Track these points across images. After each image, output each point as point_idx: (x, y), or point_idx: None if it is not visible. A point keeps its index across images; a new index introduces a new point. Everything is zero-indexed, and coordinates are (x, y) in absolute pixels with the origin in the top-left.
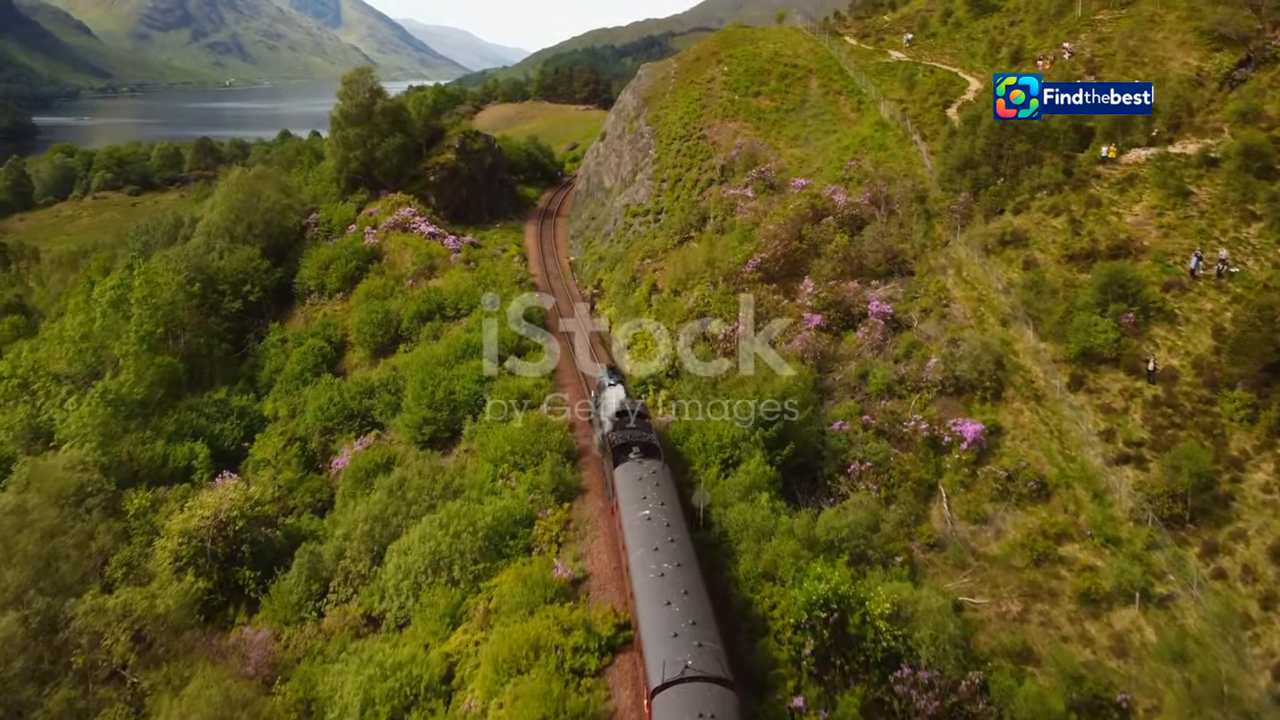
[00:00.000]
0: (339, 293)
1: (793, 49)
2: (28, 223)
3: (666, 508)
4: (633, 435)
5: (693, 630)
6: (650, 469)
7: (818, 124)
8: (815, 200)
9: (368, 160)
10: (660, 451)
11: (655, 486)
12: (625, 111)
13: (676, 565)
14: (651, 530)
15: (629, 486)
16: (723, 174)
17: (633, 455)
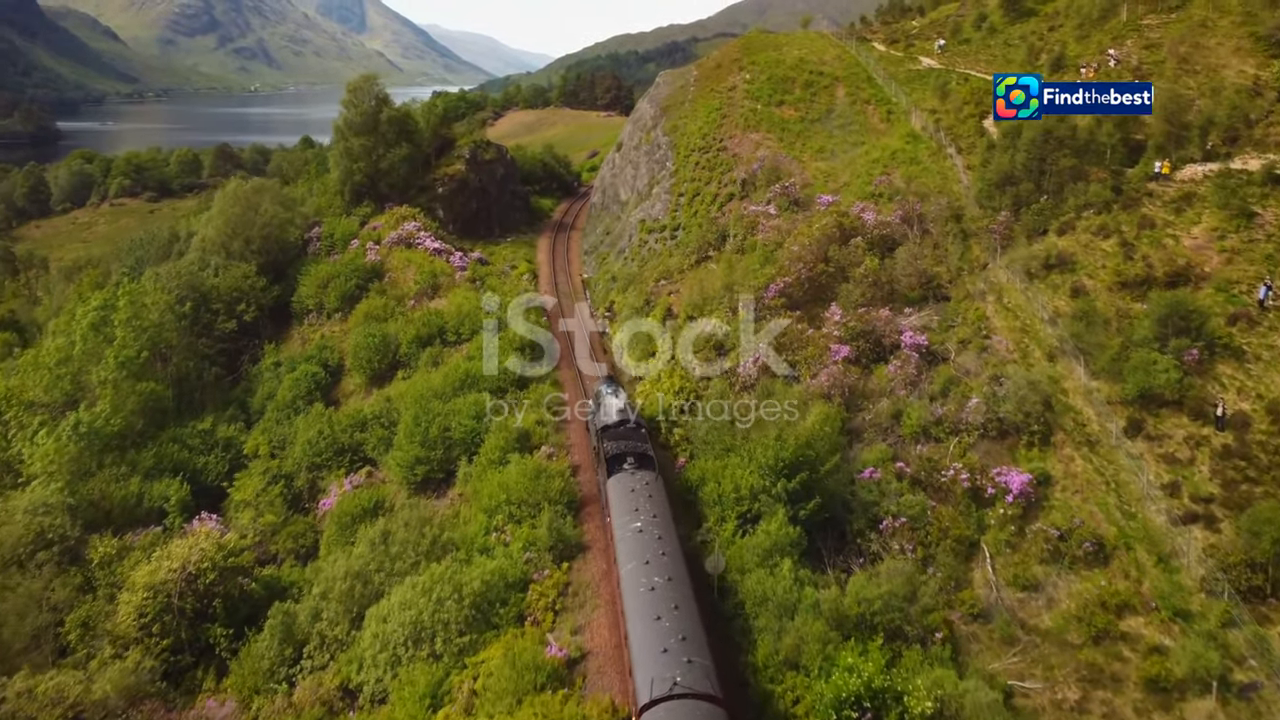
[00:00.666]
0: (338, 313)
1: (818, 55)
2: (44, 229)
3: (659, 520)
4: (627, 446)
5: (682, 646)
6: (643, 480)
7: (845, 135)
8: (843, 219)
9: (372, 172)
10: (655, 462)
11: (648, 498)
12: (642, 121)
13: (667, 579)
14: (643, 543)
15: (621, 498)
16: (743, 189)
17: (627, 466)
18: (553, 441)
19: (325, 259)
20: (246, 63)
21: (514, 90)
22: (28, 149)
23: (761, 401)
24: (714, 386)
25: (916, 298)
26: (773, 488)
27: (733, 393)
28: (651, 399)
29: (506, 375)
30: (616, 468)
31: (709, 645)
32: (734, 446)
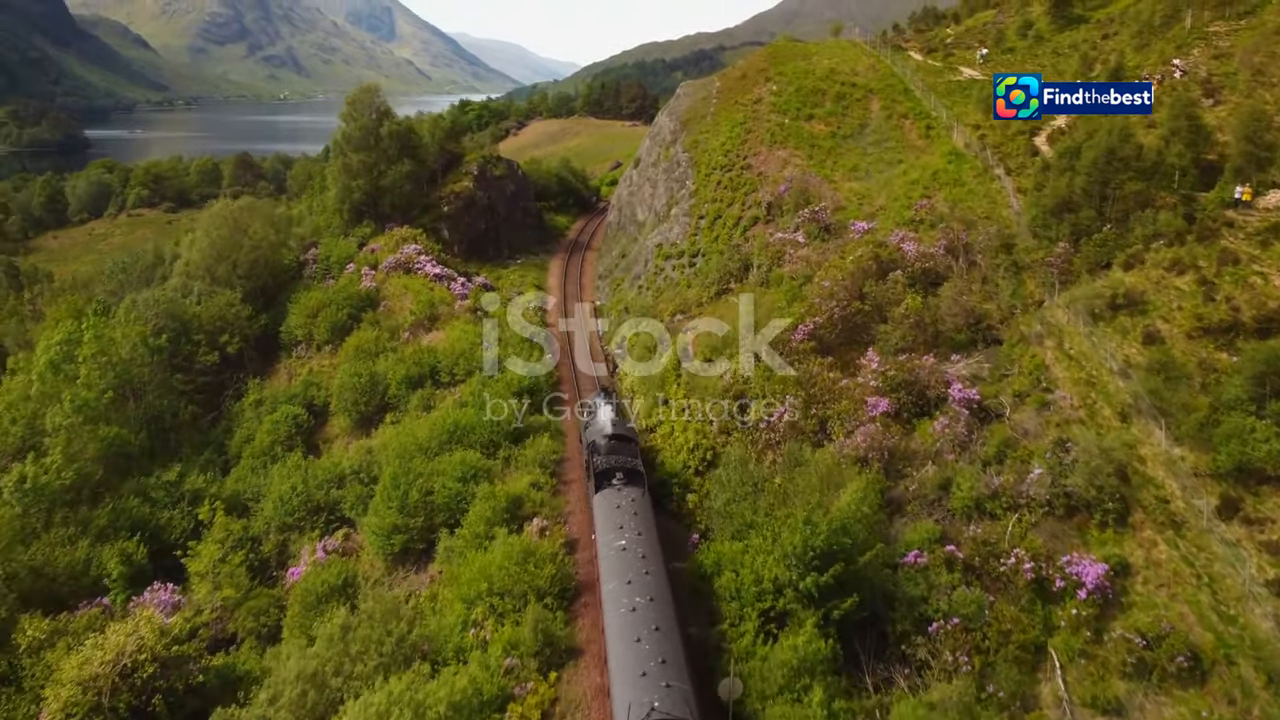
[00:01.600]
0: (328, 345)
1: (850, 66)
2: (60, 240)
3: (644, 537)
4: (617, 461)
5: (661, 669)
6: (630, 496)
7: (880, 153)
8: (880, 250)
9: (372, 190)
10: (644, 478)
11: (634, 515)
12: (661, 136)
13: (649, 599)
14: (626, 562)
15: (607, 515)
16: (769, 212)
17: (615, 481)
18: (548, 511)
19: (319, 284)
20: (276, 71)
21: (538, 99)
22: (56, 157)
23: (791, 470)
24: (734, 444)
25: (964, 341)
26: (800, 581)
27: (754, 449)
28: (665, 456)
29: (499, 429)
30: (605, 483)
31: (689, 669)
32: (756, 523)
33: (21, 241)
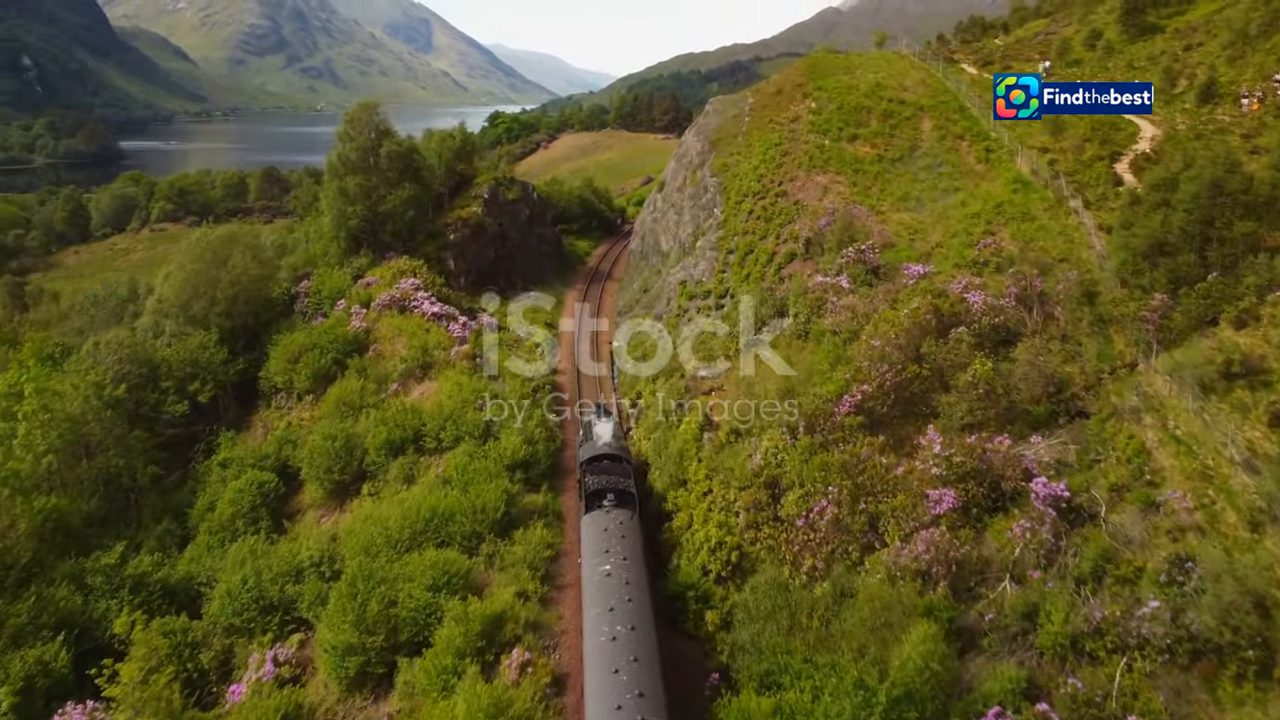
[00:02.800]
0: (309, 395)
1: (898, 80)
2: (82, 256)
3: (629, 563)
4: (609, 482)
5: (638, 703)
6: (618, 519)
7: (933, 179)
8: (939, 301)
9: (370, 216)
10: (635, 499)
11: (621, 539)
12: (687, 157)
13: (630, 628)
14: (610, 588)
15: (594, 538)
16: (807, 249)
17: (606, 502)
18: (533, 638)
19: (307, 323)
20: (313, 82)
21: (570, 112)
22: (91, 168)
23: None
24: (764, 551)
25: (1043, 415)
26: None
27: (790, 549)
28: (683, 556)
29: (483, 518)
30: (595, 504)
31: (666, 702)
32: (792, 669)
33: (42, 257)
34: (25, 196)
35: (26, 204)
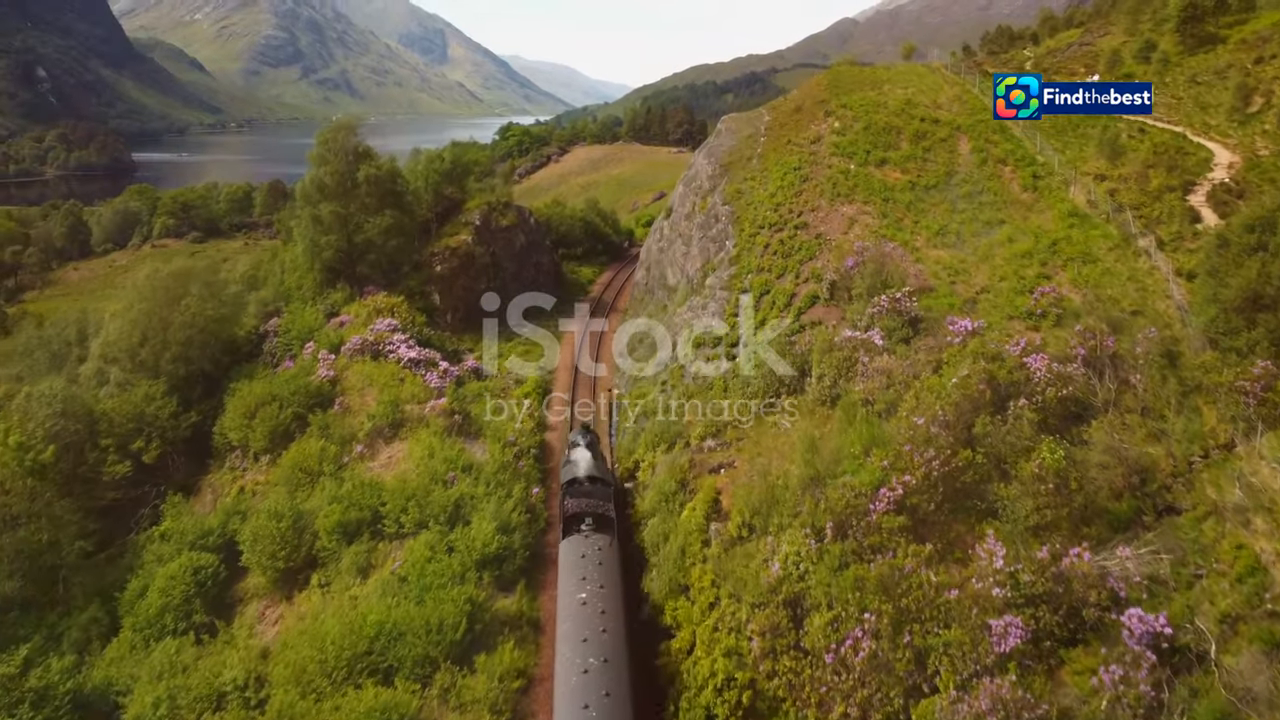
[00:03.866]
0: (266, 455)
1: (930, 96)
2: (81, 272)
3: (606, 591)
4: (589, 505)
5: None
6: (596, 545)
7: (974, 210)
8: (993, 365)
9: (346, 247)
10: (614, 524)
11: (598, 565)
12: (697, 181)
13: (603, 661)
14: (584, 618)
15: (571, 564)
16: (832, 293)
17: (584, 527)
18: None
19: (274, 366)
20: (329, 93)
21: (582, 124)
22: (102, 180)
23: None
24: (782, 683)
25: (1126, 513)
26: None
27: (815, 692)
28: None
29: (439, 639)
30: (573, 528)
31: None
32: None
33: (41, 274)
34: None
35: (28, 218)
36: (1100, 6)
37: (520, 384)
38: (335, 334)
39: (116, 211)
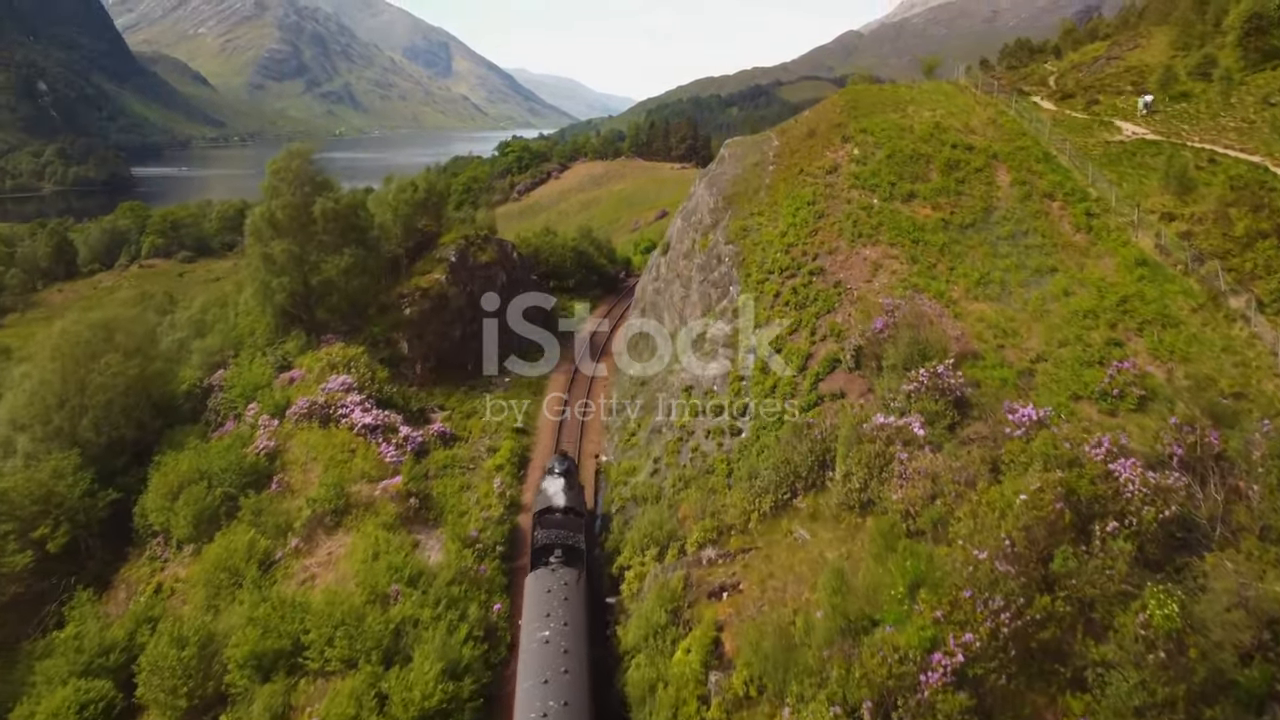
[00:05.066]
0: (190, 545)
1: (962, 119)
2: (66, 294)
3: (570, 629)
4: (558, 536)
5: None
6: (563, 579)
7: (1019, 254)
8: (1069, 474)
9: (301, 290)
10: (584, 556)
11: (563, 601)
12: (697, 215)
13: (563, 704)
14: (546, 657)
15: (535, 600)
16: (858, 360)
17: (552, 560)
18: None
19: (216, 429)
20: (333, 106)
21: (582, 140)
22: (101, 195)
23: None
24: None
25: (1259, 686)
26: None
27: None
28: None
29: None
30: (541, 560)
31: None
32: None
33: (23, 295)
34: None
35: (15, 236)
36: (1126, 17)
37: (494, 452)
38: (282, 394)
39: (104, 230)
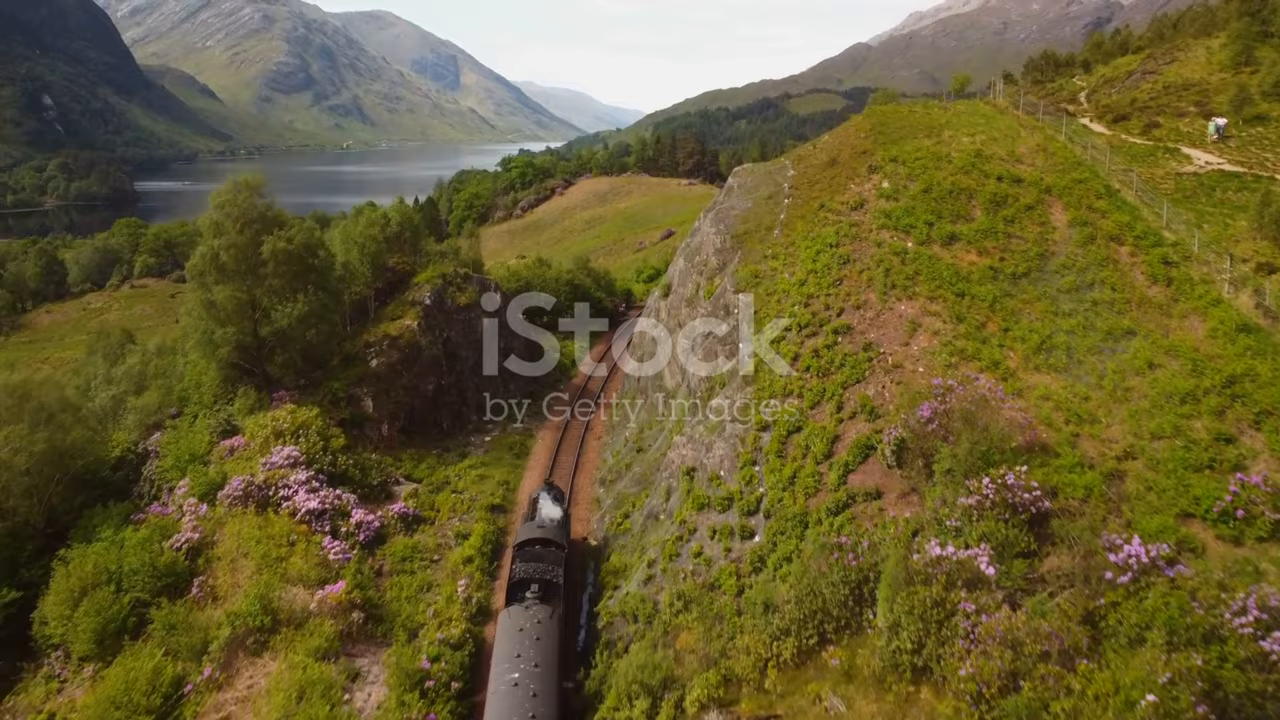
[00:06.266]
0: (92, 664)
1: (1005, 146)
2: (54, 315)
3: (540, 671)
4: (537, 570)
5: None
6: (537, 617)
7: (1086, 312)
8: (1208, 656)
9: (250, 342)
10: (561, 590)
11: (535, 641)
12: (701, 255)
13: None
14: (514, 702)
15: (507, 639)
16: (899, 458)
17: (528, 595)
18: None
19: (145, 507)
20: (341, 119)
21: (589, 154)
22: (102, 210)
23: None
24: None
25: None
26: None
27: None
28: None
29: None
30: (516, 596)
31: None
32: None
33: (10, 317)
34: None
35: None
36: (1161, 29)
37: (463, 540)
38: (217, 469)
39: (96, 249)
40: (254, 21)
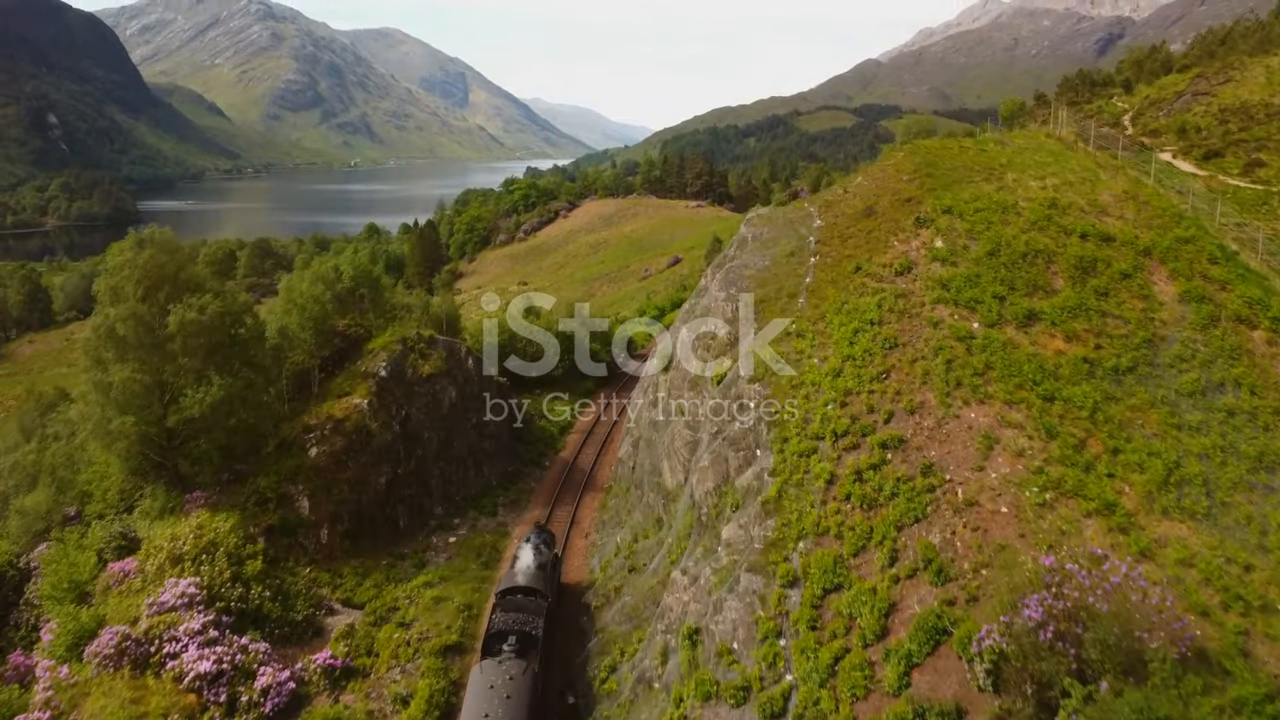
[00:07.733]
0: None
1: (1084, 193)
2: (36, 346)
3: None
4: (516, 621)
5: None
6: (510, 673)
7: (1216, 421)
8: None
9: (156, 434)
10: (539, 643)
11: (505, 700)
12: (708, 328)
13: None
14: None
15: (475, 697)
16: (997, 681)
17: (505, 648)
18: None
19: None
20: (349, 137)
21: (593, 175)
22: (104, 231)
23: None
24: None
25: None
26: None
27: None
28: None
29: None
30: (492, 648)
31: None
32: None
33: None
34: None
35: None
36: (1210, 46)
37: (405, 704)
38: (91, 612)
39: (84, 276)
40: (263, 39)
